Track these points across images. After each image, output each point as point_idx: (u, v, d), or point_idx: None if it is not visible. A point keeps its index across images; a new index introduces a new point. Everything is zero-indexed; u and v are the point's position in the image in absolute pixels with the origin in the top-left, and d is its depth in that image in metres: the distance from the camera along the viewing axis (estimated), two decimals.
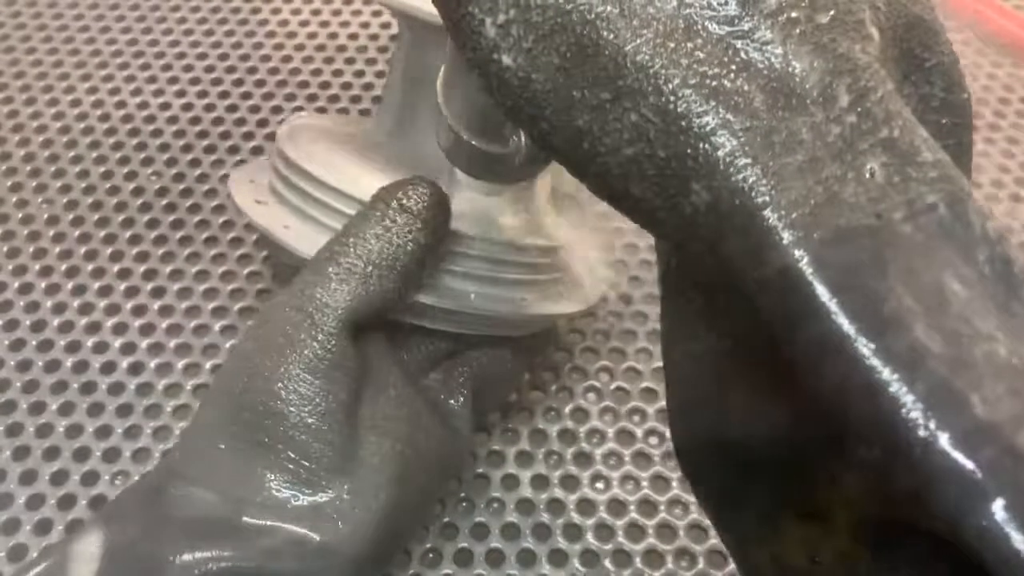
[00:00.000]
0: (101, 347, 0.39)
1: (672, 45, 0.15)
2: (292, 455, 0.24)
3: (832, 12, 0.15)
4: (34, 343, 0.39)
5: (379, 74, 0.50)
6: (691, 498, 0.34)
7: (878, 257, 0.14)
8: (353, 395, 0.25)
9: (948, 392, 0.13)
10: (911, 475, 0.13)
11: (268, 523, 0.24)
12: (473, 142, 0.24)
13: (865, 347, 0.13)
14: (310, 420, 0.24)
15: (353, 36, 0.52)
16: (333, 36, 0.52)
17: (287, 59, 0.51)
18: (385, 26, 0.53)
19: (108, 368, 0.38)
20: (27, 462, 0.35)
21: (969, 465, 0.12)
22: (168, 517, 0.24)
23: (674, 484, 0.35)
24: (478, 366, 0.31)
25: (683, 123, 0.15)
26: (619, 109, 0.15)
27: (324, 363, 0.24)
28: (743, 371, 0.17)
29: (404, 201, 0.26)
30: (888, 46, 0.16)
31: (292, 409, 0.24)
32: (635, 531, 0.34)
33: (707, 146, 0.14)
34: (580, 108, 0.16)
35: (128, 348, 0.39)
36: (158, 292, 0.40)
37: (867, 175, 0.14)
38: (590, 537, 0.34)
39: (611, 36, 0.15)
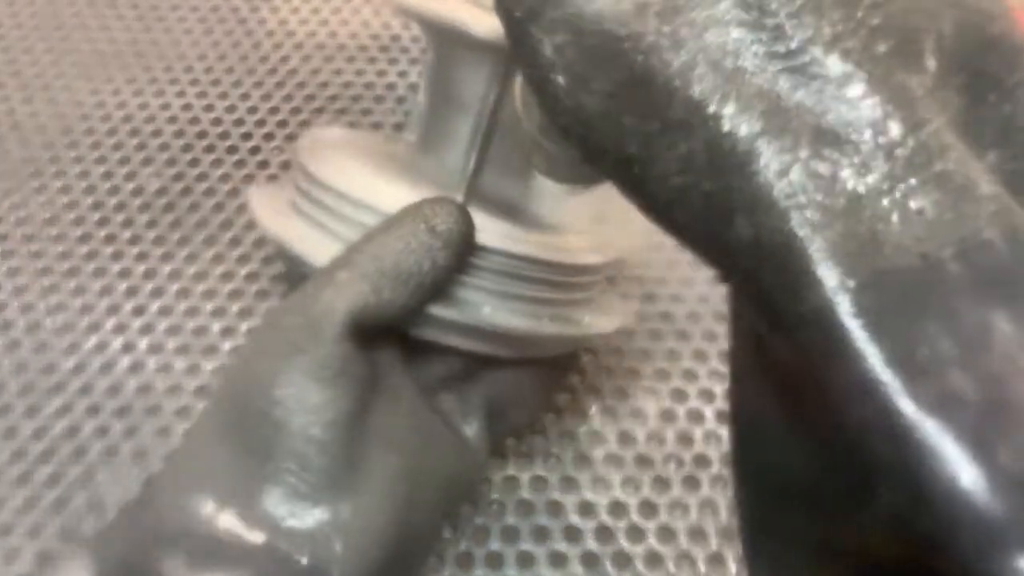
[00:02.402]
0: (101, 347, 0.38)
1: (721, 79, 0.15)
2: (292, 467, 0.23)
3: (892, 41, 0.15)
4: (30, 344, 0.38)
5: (380, 73, 0.50)
6: (692, 501, 0.34)
7: (917, 300, 0.14)
8: (360, 405, 0.24)
9: (976, 440, 0.13)
10: (931, 521, 0.13)
11: (261, 542, 0.22)
12: (549, 145, 0.25)
13: (894, 393, 0.13)
14: (313, 431, 0.23)
15: (353, 35, 0.52)
16: (333, 35, 0.52)
17: (286, 59, 0.51)
18: (386, 26, 0.53)
19: (107, 368, 0.38)
20: (22, 463, 0.35)
21: (990, 515, 0.12)
22: (159, 535, 0.23)
23: (675, 487, 0.35)
24: (495, 389, 0.30)
25: (730, 160, 0.15)
26: (668, 140, 0.15)
27: (328, 370, 0.23)
28: (786, 396, 0.17)
29: (431, 220, 0.25)
30: (951, 72, 0.16)
31: (294, 418, 0.23)
32: (635, 533, 0.34)
33: (751, 184, 0.15)
34: (630, 135, 0.16)
35: (128, 347, 0.38)
36: (157, 292, 0.40)
37: (915, 212, 0.14)
38: (590, 539, 0.34)
39: (661, 67, 0.15)
